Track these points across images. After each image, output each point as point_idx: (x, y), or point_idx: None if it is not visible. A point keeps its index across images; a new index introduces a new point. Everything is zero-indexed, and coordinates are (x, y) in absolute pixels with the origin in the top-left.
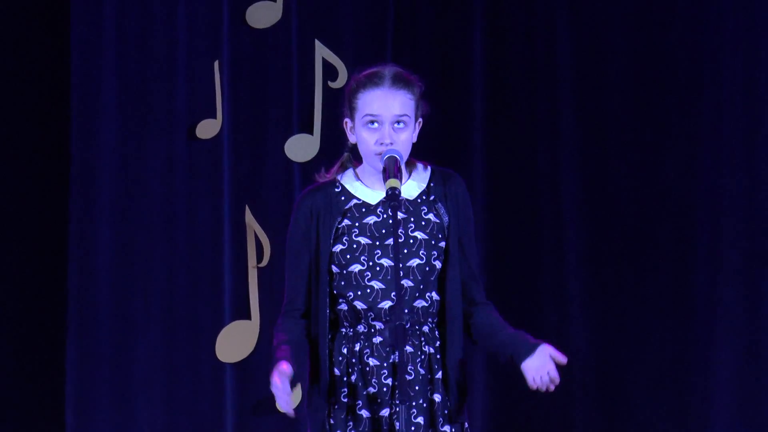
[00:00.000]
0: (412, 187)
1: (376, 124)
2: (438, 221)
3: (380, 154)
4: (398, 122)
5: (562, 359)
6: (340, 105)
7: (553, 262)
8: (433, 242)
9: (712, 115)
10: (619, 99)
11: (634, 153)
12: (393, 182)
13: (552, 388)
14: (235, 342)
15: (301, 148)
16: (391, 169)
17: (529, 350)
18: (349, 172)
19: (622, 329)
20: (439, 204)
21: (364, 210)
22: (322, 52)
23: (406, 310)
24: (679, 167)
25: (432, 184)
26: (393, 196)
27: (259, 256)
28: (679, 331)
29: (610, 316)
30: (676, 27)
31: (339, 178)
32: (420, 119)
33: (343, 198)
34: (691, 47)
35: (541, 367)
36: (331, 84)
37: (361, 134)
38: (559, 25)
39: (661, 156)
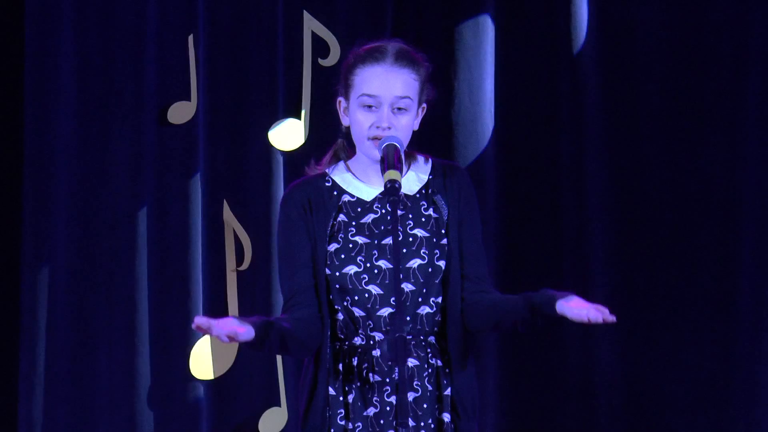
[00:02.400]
0: (411, 181)
1: (373, 106)
2: (437, 216)
3: (376, 139)
4: (399, 105)
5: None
6: (334, 82)
7: (575, 266)
8: (434, 240)
9: (758, 99)
10: (652, 81)
11: (668, 142)
12: (393, 174)
13: (611, 318)
14: (212, 356)
15: (287, 135)
16: (391, 159)
17: (563, 296)
18: (341, 166)
19: (654, 343)
20: (438, 196)
21: (359, 209)
22: (311, 25)
23: (408, 318)
24: (720, 158)
25: (431, 177)
26: (393, 189)
27: (239, 259)
28: (721, 345)
29: (641, 328)
30: None
31: (329, 171)
32: (424, 105)
33: (335, 193)
34: (734, 21)
35: (584, 305)
36: (321, 62)
37: (355, 116)
38: None
39: (699, 146)
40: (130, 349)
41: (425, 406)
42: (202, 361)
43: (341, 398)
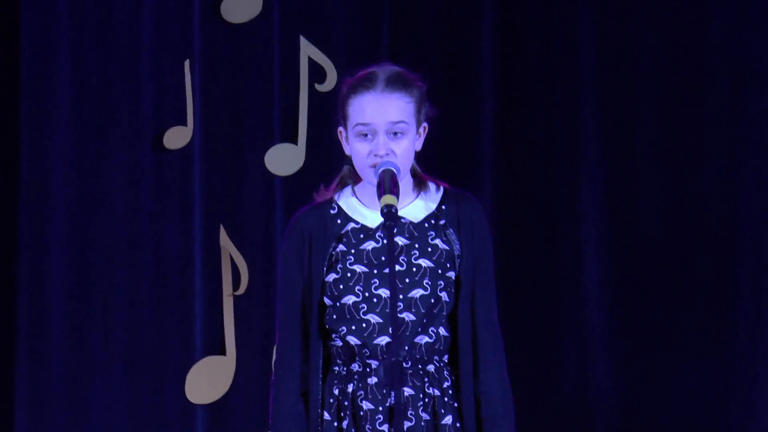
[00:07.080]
0: (418, 208)
1: (369, 134)
2: (447, 248)
3: (375, 166)
4: (394, 130)
5: None
6: (334, 112)
7: (571, 290)
8: (439, 271)
9: (756, 121)
10: (649, 102)
11: (665, 165)
12: (388, 199)
13: None
14: (208, 381)
15: (284, 159)
16: (387, 184)
17: None
18: (347, 191)
19: (651, 369)
20: (451, 230)
21: (362, 235)
22: (308, 50)
23: (406, 347)
24: (717, 181)
25: (443, 207)
26: (389, 215)
27: (236, 283)
28: (717, 372)
29: (638, 353)
30: (715, 19)
31: (336, 197)
32: (424, 124)
33: (339, 221)
34: (731, 42)
35: None
36: (318, 87)
37: (354, 146)
38: (581, 18)
39: (697, 168)
40: (127, 374)
41: None
42: (199, 386)
43: (335, 423)
